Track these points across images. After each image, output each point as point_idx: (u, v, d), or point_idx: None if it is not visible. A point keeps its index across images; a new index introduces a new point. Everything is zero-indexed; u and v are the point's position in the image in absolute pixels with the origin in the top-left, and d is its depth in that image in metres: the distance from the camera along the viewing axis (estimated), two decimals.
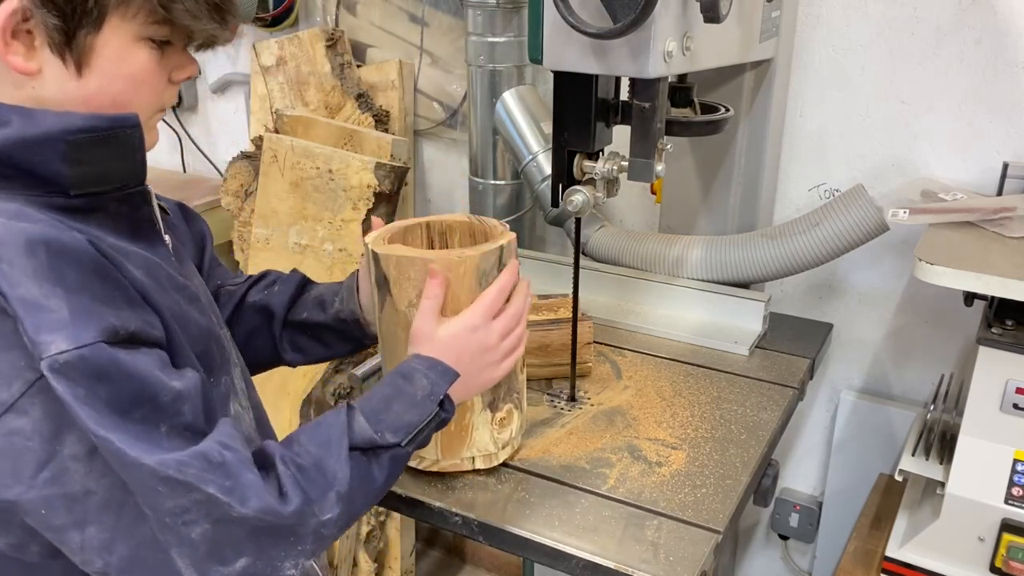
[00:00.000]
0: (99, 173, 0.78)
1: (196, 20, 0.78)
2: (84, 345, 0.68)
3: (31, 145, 0.73)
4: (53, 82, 0.75)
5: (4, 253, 0.68)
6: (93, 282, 0.72)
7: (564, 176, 1.12)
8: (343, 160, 1.91)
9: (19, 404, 0.67)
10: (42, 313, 0.67)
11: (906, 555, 1.25)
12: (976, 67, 1.46)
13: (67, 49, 0.74)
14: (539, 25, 1.05)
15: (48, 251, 0.70)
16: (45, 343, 0.67)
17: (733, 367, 1.39)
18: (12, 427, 0.67)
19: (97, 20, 0.74)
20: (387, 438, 0.85)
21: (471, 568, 2.49)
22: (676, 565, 0.95)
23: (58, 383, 0.67)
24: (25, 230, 0.70)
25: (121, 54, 0.77)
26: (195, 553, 0.72)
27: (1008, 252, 1.23)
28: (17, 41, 0.73)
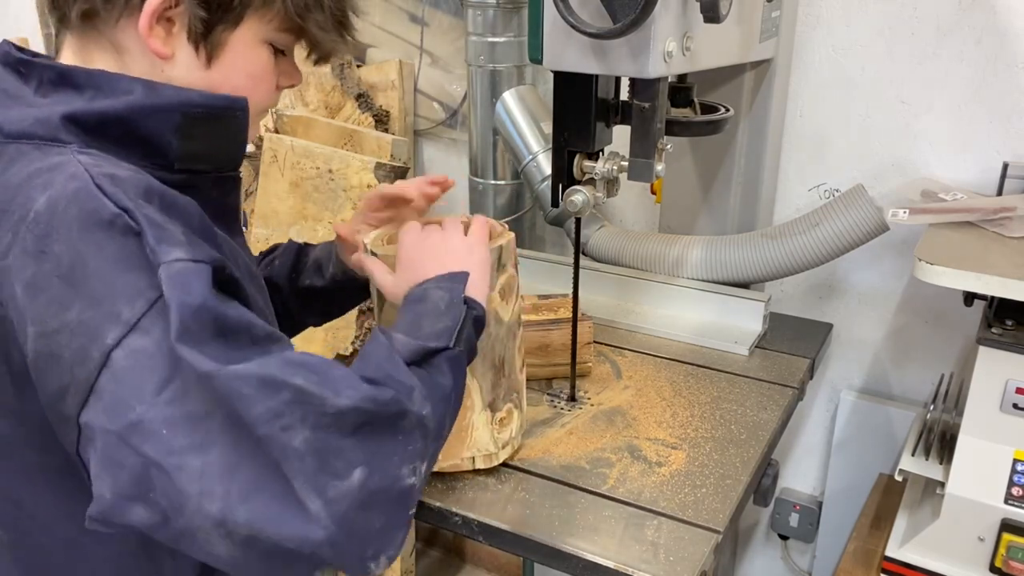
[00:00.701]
0: (205, 151, 0.82)
1: (324, 32, 0.85)
2: (200, 260, 0.69)
3: (150, 113, 0.77)
4: (182, 68, 0.81)
5: (126, 187, 0.71)
6: (197, 237, 0.73)
7: (564, 176, 1.12)
8: (343, 160, 1.91)
9: (142, 323, 0.66)
10: (164, 230, 0.69)
11: (906, 555, 1.25)
12: (976, 67, 1.46)
13: (203, 40, 0.80)
14: (539, 25, 1.05)
15: (162, 201, 0.73)
16: (165, 252, 0.68)
17: (733, 367, 1.39)
18: (135, 346, 0.66)
19: (236, 18, 0.81)
20: (433, 344, 0.80)
21: (471, 568, 2.49)
22: (676, 565, 0.95)
23: (170, 287, 0.66)
24: (146, 180, 0.73)
25: (247, 53, 0.83)
26: (304, 467, 0.65)
27: (1008, 252, 1.23)
28: (159, 26, 0.78)
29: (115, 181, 0.71)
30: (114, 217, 0.68)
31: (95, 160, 0.73)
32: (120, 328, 0.66)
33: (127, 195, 0.70)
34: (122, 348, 0.66)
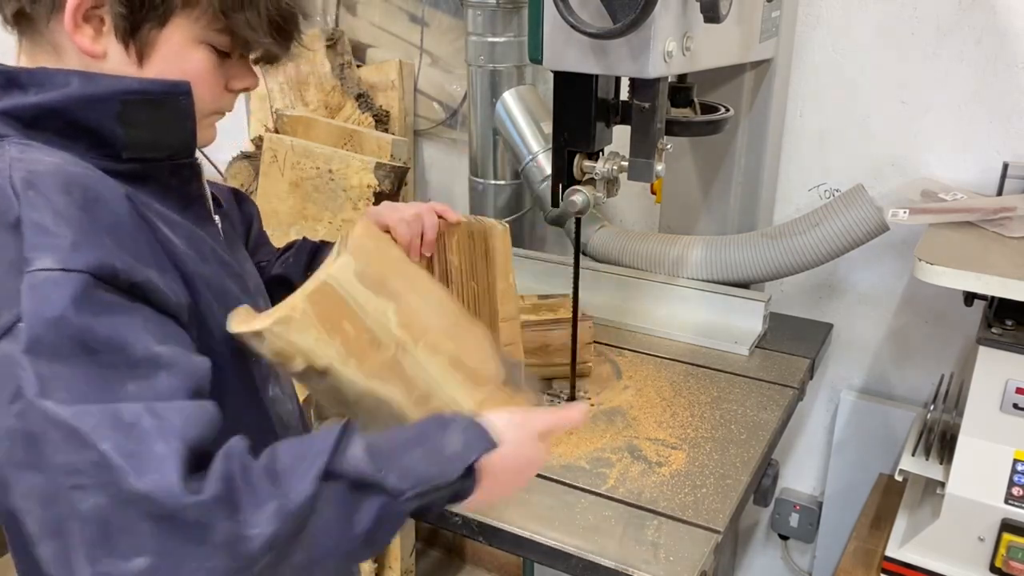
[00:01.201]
0: (150, 137, 0.81)
1: (254, 33, 0.82)
2: (69, 269, 0.65)
3: (89, 102, 0.77)
4: (115, 66, 0.79)
5: (40, 184, 0.69)
6: (120, 232, 0.71)
7: (564, 176, 1.12)
8: (343, 160, 1.91)
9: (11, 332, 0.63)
10: (45, 236, 0.66)
11: (906, 555, 1.25)
12: (976, 67, 1.46)
13: (131, 39, 0.78)
14: (539, 25, 1.05)
15: (85, 194, 0.71)
16: (31, 259, 0.65)
17: (733, 367, 1.39)
18: (3, 351, 0.63)
19: (162, 17, 0.79)
20: (388, 481, 0.70)
21: (471, 568, 2.49)
22: (676, 565, 0.95)
23: (28, 297, 0.63)
24: (69, 172, 0.72)
25: (180, 52, 0.81)
26: (86, 533, 0.60)
27: (1008, 252, 1.23)
28: (88, 24, 0.77)
29: (30, 176, 0.70)
30: (16, 222, 0.67)
31: (24, 152, 0.73)
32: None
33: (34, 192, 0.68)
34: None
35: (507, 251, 1.10)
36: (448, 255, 1.14)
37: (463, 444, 0.76)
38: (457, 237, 1.13)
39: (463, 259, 1.14)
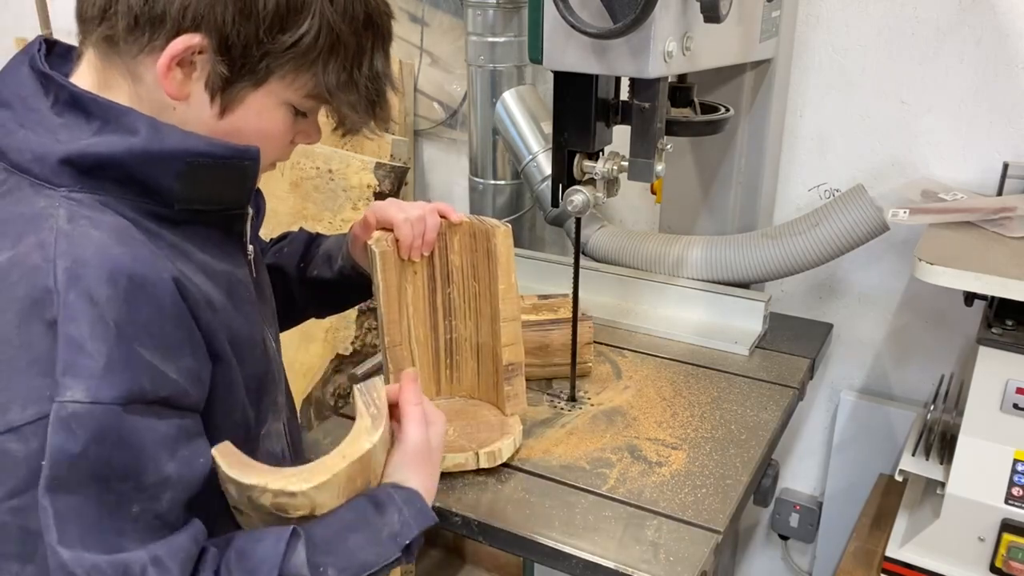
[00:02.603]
0: (207, 195, 0.80)
1: (353, 111, 0.82)
2: (99, 402, 0.66)
3: (153, 159, 0.74)
4: (194, 112, 0.78)
5: (83, 279, 0.68)
6: (164, 325, 0.71)
7: (564, 176, 1.12)
8: (343, 160, 1.91)
9: (24, 430, 0.65)
10: (79, 356, 0.66)
11: (906, 555, 1.25)
12: (976, 67, 1.46)
13: (220, 93, 0.77)
14: (539, 25, 1.05)
15: (130, 283, 0.69)
16: (65, 386, 0.65)
17: (733, 367, 1.39)
18: (6, 447, 0.65)
19: (260, 80, 0.77)
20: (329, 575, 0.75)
21: (471, 568, 2.49)
22: (676, 565, 0.95)
23: (54, 430, 0.65)
24: (114, 258, 0.70)
25: (264, 111, 0.80)
26: None
27: (1008, 252, 1.23)
28: (179, 69, 0.75)
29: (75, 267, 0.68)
30: (52, 321, 0.66)
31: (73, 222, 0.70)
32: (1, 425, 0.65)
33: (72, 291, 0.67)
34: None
35: (509, 252, 1.10)
36: (450, 255, 1.14)
37: (400, 524, 0.80)
38: (459, 237, 1.13)
39: (464, 259, 1.14)
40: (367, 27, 0.80)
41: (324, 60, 0.78)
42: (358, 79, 0.81)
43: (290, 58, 0.77)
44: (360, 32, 0.79)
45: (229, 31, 0.74)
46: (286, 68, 0.77)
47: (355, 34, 0.79)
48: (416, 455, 0.86)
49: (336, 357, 2.00)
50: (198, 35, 0.73)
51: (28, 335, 0.66)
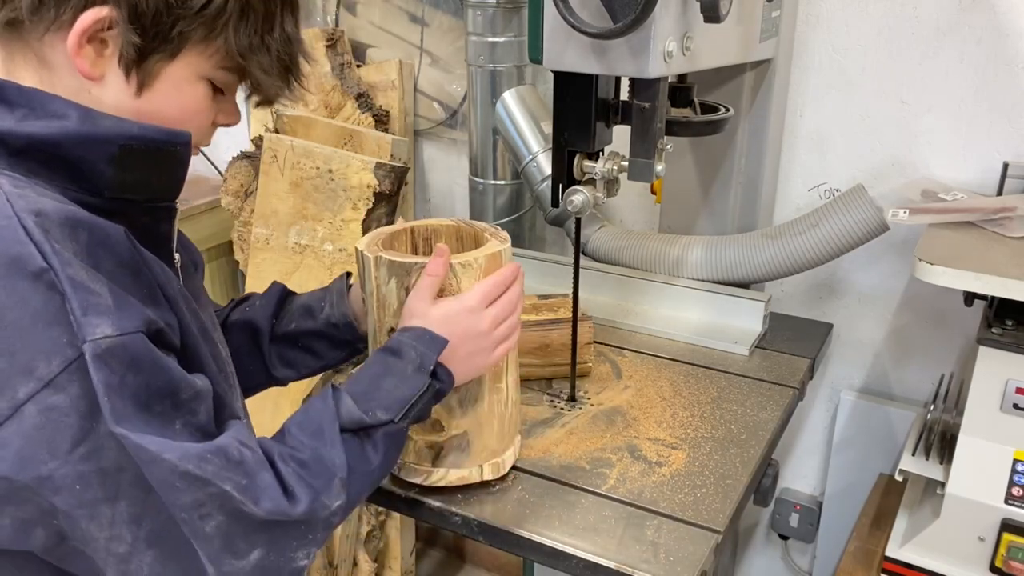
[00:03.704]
0: (139, 181, 0.79)
1: (267, 76, 0.82)
2: (126, 333, 0.69)
3: (86, 142, 0.74)
4: (110, 92, 0.76)
5: (51, 229, 0.68)
6: (126, 275, 0.73)
7: (564, 176, 1.12)
8: (343, 160, 1.91)
9: (58, 380, 0.67)
10: (89, 295, 0.68)
11: (906, 555, 1.25)
12: (976, 67, 1.46)
13: (135, 67, 0.76)
14: (539, 25, 1.05)
15: (90, 236, 0.71)
16: (91, 325, 0.67)
17: (733, 367, 1.39)
18: (49, 403, 0.67)
19: (174, 50, 0.76)
20: (378, 416, 0.85)
21: (471, 568, 2.49)
22: (676, 565, 0.95)
23: (95, 367, 0.67)
24: (71, 211, 0.71)
25: (182, 85, 0.79)
26: (209, 546, 0.73)
27: (1008, 252, 1.23)
28: (90, 46, 0.74)
29: (41, 219, 0.68)
30: (40, 272, 0.67)
31: (18, 188, 0.70)
32: (34, 383, 0.66)
33: (53, 240, 0.68)
34: (34, 403, 0.66)
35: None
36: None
37: (419, 357, 0.89)
38: (444, 239, 1.11)
39: None
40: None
41: (235, 24, 0.77)
42: (270, 43, 0.80)
43: (200, 23, 0.75)
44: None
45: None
46: (198, 34, 0.76)
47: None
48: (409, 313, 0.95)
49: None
50: (107, 7, 0.72)
51: (17, 292, 0.67)
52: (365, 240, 1.04)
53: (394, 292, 0.97)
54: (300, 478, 0.79)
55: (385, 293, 0.98)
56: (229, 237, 2.20)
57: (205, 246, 2.30)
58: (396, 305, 0.97)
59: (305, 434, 0.83)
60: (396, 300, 0.97)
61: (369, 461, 0.85)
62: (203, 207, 2.20)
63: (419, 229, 1.10)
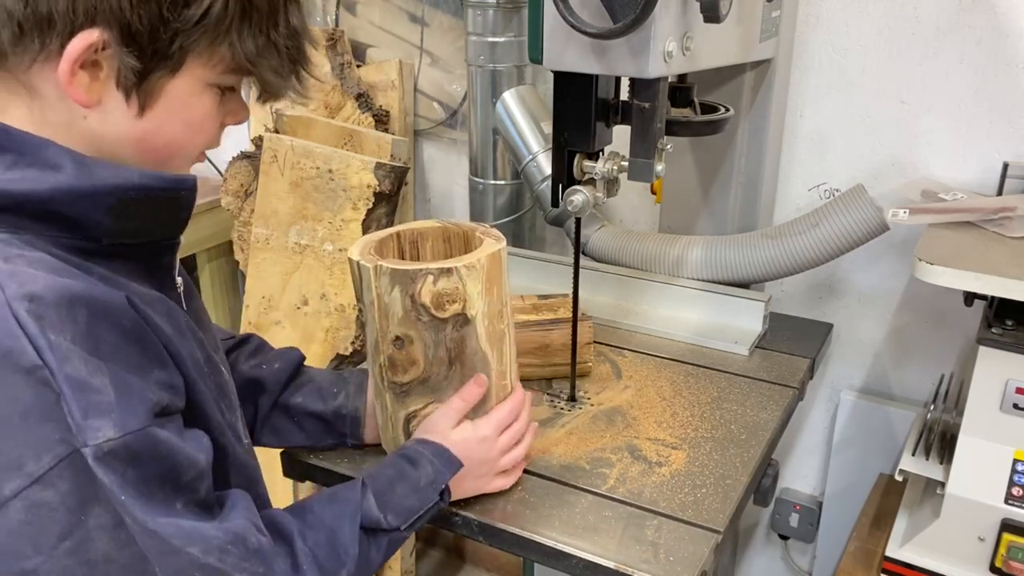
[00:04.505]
0: (140, 228, 0.76)
1: (277, 76, 0.78)
2: (130, 432, 0.67)
3: (81, 198, 0.70)
4: (110, 118, 0.72)
5: (47, 315, 0.65)
6: (130, 348, 0.70)
7: (564, 176, 1.12)
8: (343, 160, 1.91)
9: (47, 476, 0.64)
10: (89, 394, 0.65)
11: (906, 555, 1.25)
12: (976, 67, 1.46)
13: (135, 89, 0.71)
14: (539, 25, 1.05)
15: (89, 313, 0.67)
16: (92, 428, 0.65)
17: (733, 367, 1.39)
18: (37, 499, 0.64)
19: (175, 65, 0.71)
20: (390, 521, 0.88)
21: (471, 568, 2.49)
22: (676, 565, 0.95)
23: (100, 470, 0.65)
24: (67, 287, 0.67)
25: (187, 99, 0.74)
26: None
27: (1008, 252, 1.23)
28: (83, 72, 0.69)
29: (35, 306, 0.64)
30: (33, 368, 0.63)
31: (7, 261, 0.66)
32: (21, 479, 0.63)
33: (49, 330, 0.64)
34: (21, 499, 0.63)
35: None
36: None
37: (434, 473, 0.93)
38: (431, 242, 1.10)
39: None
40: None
41: (237, 28, 0.72)
42: (277, 40, 0.75)
43: (202, 32, 0.70)
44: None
45: (129, 17, 0.67)
46: (200, 45, 0.71)
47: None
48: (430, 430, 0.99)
49: (336, 357, 2.00)
50: (96, 29, 0.67)
51: (8, 387, 0.63)
52: (356, 249, 1.01)
53: (398, 301, 0.96)
54: (314, 559, 0.80)
55: (388, 302, 0.96)
56: (229, 237, 2.20)
57: (205, 246, 2.30)
58: (401, 313, 0.96)
59: (327, 515, 0.85)
60: (401, 308, 0.96)
61: (370, 562, 0.87)
62: (203, 207, 2.20)
63: (405, 233, 1.09)
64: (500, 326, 1.01)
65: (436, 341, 0.97)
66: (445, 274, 0.94)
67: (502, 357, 1.03)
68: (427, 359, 0.99)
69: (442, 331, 0.97)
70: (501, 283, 1.00)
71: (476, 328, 0.98)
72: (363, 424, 1.12)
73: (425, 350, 0.98)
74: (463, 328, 0.97)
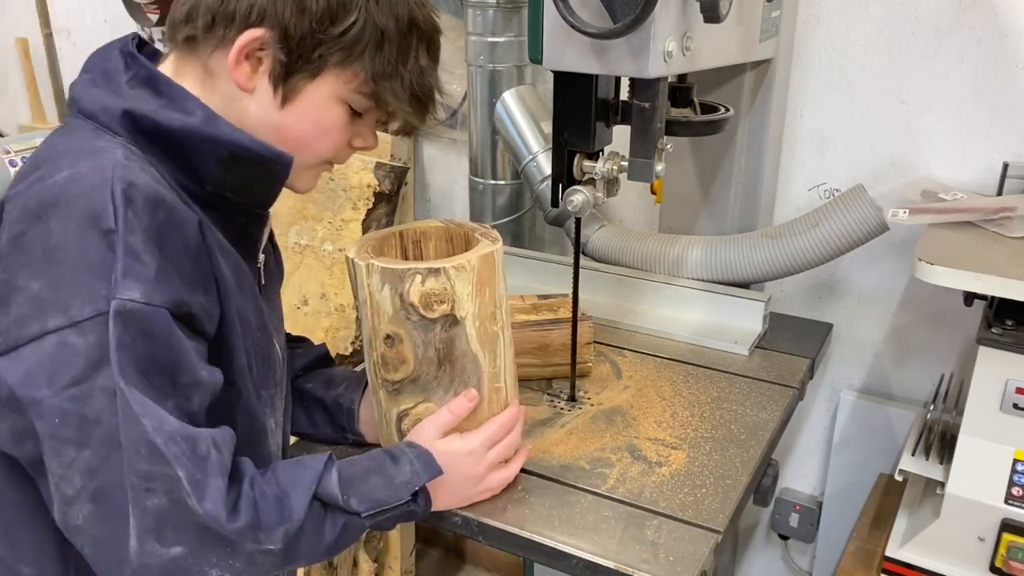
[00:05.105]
0: (239, 185, 0.88)
1: (397, 101, 0.89)
2: (151, 304, 0.76)
3: (203, 141, 0.84)
4: (258, 103, 0.87)
5: (137, 201, 0.77)
6: (185, 259, 0.81)
7: (564, 176, 1.12)
8: None
9: (83, 324, 0.74)
10: (135, 262, 0.75)
11: (906, 555, 1.25)
12: (976, 67, 1.46)
13: (282, 83, 0.86)
14: (539, 25, 1.05)
15: (167, 216, 0.79)
16: (125, 287, 0.74)
17: (733, 367, 1.39)
18: (68, 340, 0.74)
19: (315, 70, 0.86)
20: (351, 504, 0.89)
21: (471, 568, 2.49)
22: (676, 565, 0.95)
23: (114, 323, 0.74)
24: (159, 192, 0.79)
25: (320, 105, 0.88)
26: (143, 521, 0.77)
27: (1008, 252, 1.23)
28: (247, 62, 0.85)
29: (130, 189, 0.77)
30: (108, 231, 0.75)
31: (128, 159, 0.80)
32: (63, 319, 0.74)
33: (132, 210, 0.76)
34: (57, 335, 0.74)
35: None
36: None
37: (411, 473, 0.94)
38: (433, 243, 1.10)
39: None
40: (411, 28, 0.88)
41: (371, 53, 0.86)
42: (403, 73, 0.88)
43: (340, 47, 0.85)
44: (404, 32, 0.87)
45: (288, 24, 0.83)
46: (336, 58, 0.86)
47: (399, 32, 0.87)
48: (418, 437, 0.99)
49: (336, 357, 2.00)
50: (262, 28, 0.83)
51: (86, 242, 0.75)
52: (355, 247, 1.02)
53: (388, 299, 0.96)
54: (252, 503, 0.82)
55: (379, 300, 0.96)
56: None
57: None
58: (391, 312, 0.96)
59: (284, 478, 0.87)
60: (391, 307, 0.96)
61: (322, 535, 0.88)
62: None
63: (408, 232, 1.09)
64: (493, 328, 1.00)
65: (425, 341, 0.97)
66: (433, 274, 0.94)
67: (495, 359, 1.02)
68: (417, 358, 0.98)
69: (431, 331, 0.96)
70: (495, 285, 0.99)
71: (466, 329, 0.97)
72: (358, 418, 1.14)
73: (415, 349, 0.98)
74: (452, 329, 0.96)
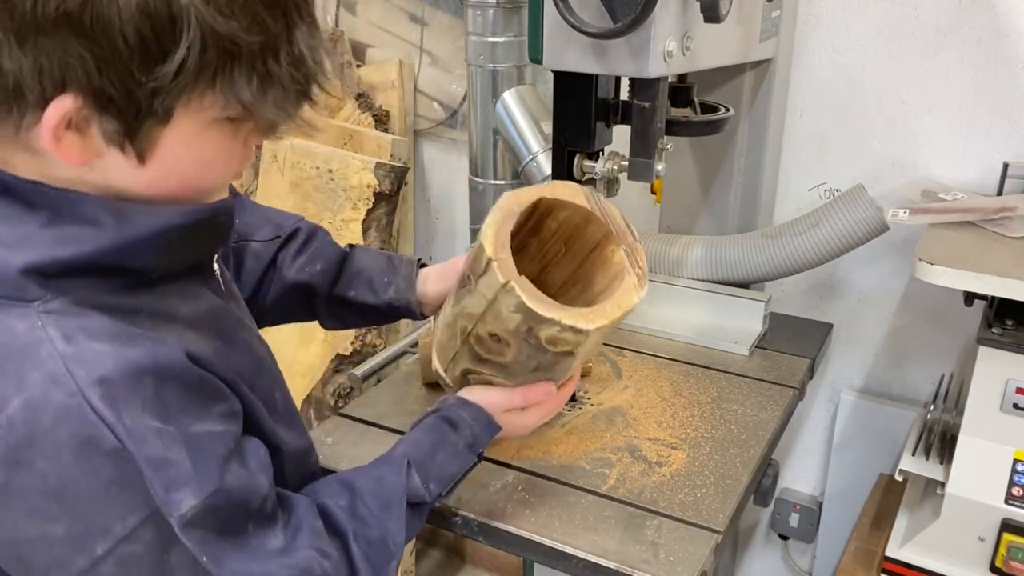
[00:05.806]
0: (184, 257, 0.76)
1: (282, 111, 0.71)
2: (209, 494, 0.70)
3: (126, 248, 0.69)
4: (113, 170, 0.68)
5: (118, 395, 0.65)
6: (193, 396, 0.71)
7: (564, 176, 1.12)
8: (343, 160, 1.91)
9: (134, 534, 0.68)
10: (168, 470, 0.68)
11: (906, 555, 1.25)
12: (976, 67, 1.46)
13: (127, 142, 0.66)
14: (539, 25, 1.05)
15: (155, 380, 0.68)
16: (175, 502, 0.68)
17: (733, 367, 1.39)
18: (125, 553, 0.68)
19: (163, 118, 0.65)
20: (432, 491, 0.90)
21: (471, 568, 2.49)
22: (676, 565, 0.95)
23: (186, 536, 0.70)
24: (132, 362, 0.67)
25: (190, 141, 0.68)
26: None
27: (1008, 252, 1.23)
28: (70, 132, 0.64)
29: (105, 389, 0.65)
30: (115, 451, 0.65)
31: (70, 339, 0.65)
32: (111, 541, 0.67)
33: (123, 412, 0.65)
34: (112, 556, 0.68)
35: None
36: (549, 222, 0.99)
37: (473, 437, 0.94)
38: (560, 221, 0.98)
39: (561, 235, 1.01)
40: (271, 8, 0.65)
41: (226, 71, 0.65)
42: (277, 72, 0.67)
43: (183, 86, 0.63)
44: (261, 22, 0.65)
45: (100, 83, 0.61)
46: (186, 96, 0.65)
47: (253, 26, 0.64)
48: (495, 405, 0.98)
49: (336, 357, 2.00)
50: (69, 96, 0.62)
51: (94, 469, 0.66)
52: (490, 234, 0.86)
53: (514, 321, 0.86)
54: (366, 558, 0.83)
55: (503, 313, 0.87)
56: None
57: None
58: (511, 328, 0.87)
59: (376, 505, 0.86)
60: (513, 326, 0.87)
61: (412, 532, 0.90)
62: None
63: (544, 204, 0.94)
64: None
65: (531, 355, 0.92)
66: (573, 331, 0.85)
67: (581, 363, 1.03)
68: (516, 361, 0.93)
69: (544, 354, 0.91)
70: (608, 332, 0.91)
71: (576, 359, 0.95)
72: (418, 311, 1.13)
73: (518, 356, 0.92)
74: (564, 358, 0.92)
